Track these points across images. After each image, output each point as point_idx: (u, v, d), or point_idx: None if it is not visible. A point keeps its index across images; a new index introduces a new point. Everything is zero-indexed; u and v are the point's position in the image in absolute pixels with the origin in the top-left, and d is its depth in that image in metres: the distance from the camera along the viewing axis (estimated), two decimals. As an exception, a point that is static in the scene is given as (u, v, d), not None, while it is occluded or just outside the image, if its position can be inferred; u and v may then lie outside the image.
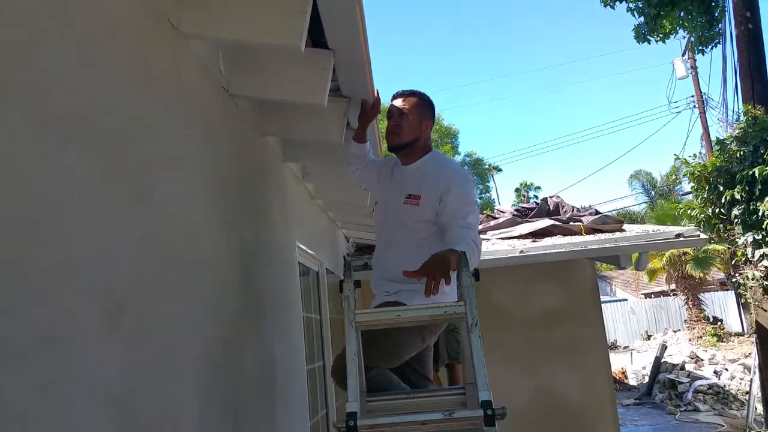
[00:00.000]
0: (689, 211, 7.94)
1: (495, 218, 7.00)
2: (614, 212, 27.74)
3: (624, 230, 6.01)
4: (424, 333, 2.51)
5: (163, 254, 1.61)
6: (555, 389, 6.45)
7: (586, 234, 5.94)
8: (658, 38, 9.91)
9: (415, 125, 2.54)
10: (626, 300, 24.86)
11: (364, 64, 2.40)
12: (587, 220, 6.27)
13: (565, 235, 6.09)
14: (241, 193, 2.48)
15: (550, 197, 7.81)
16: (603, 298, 25.92)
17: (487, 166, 41.10)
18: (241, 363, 2.26)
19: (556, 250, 5.49)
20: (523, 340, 6.55)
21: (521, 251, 5.53)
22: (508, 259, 5.52)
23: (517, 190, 43.09)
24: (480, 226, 6.85)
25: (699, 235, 5.45)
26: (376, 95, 2.72)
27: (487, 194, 40.69)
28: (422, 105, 2.59)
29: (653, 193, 29.60)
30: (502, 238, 6.34)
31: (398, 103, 2.58)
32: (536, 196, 38.18)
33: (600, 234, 5.91)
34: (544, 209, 7.23)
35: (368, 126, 2.76)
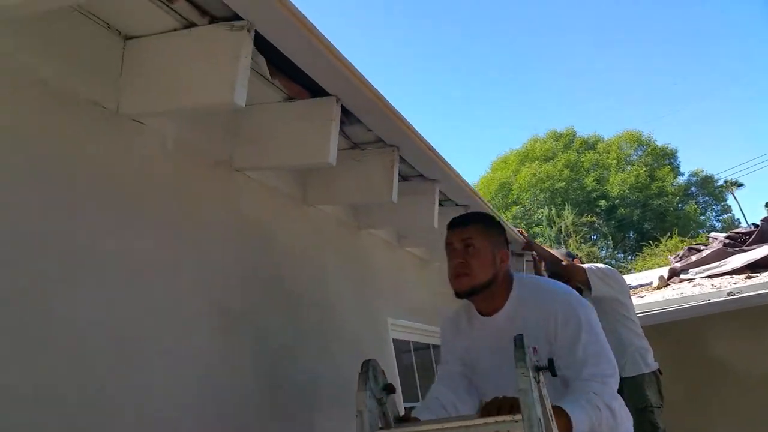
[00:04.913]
0: None
1: (698, 250, 5.68)
2: None
3: None
4: None
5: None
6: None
7: (826, 261, 4.45)
8: None
9: (487, 259, 1.88)
10: None
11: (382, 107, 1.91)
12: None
13: (795, 264, 4.65)
14: (270, 280, 2.08)
15: (778, 215, 6.19)
16: None
17: (722, 184, 36.06)
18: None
19: (779, 288, 4.16)
20: (761, 405, 5.05)
21: (729, 293, 4.29)
22: (714, 306, 4.31)
23: (767, 204, 36.81)
24: (678, 264, 5.61)
25: None
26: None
27: (728, 215, 35.45)
28: (491, 230, 1.95)
29: None
30: (709, 276, 5.06)
31: (459, 233, 1.92)
32: (793, 211, 31.97)
33: None
34: (767, 232, 5.71)
35: None
